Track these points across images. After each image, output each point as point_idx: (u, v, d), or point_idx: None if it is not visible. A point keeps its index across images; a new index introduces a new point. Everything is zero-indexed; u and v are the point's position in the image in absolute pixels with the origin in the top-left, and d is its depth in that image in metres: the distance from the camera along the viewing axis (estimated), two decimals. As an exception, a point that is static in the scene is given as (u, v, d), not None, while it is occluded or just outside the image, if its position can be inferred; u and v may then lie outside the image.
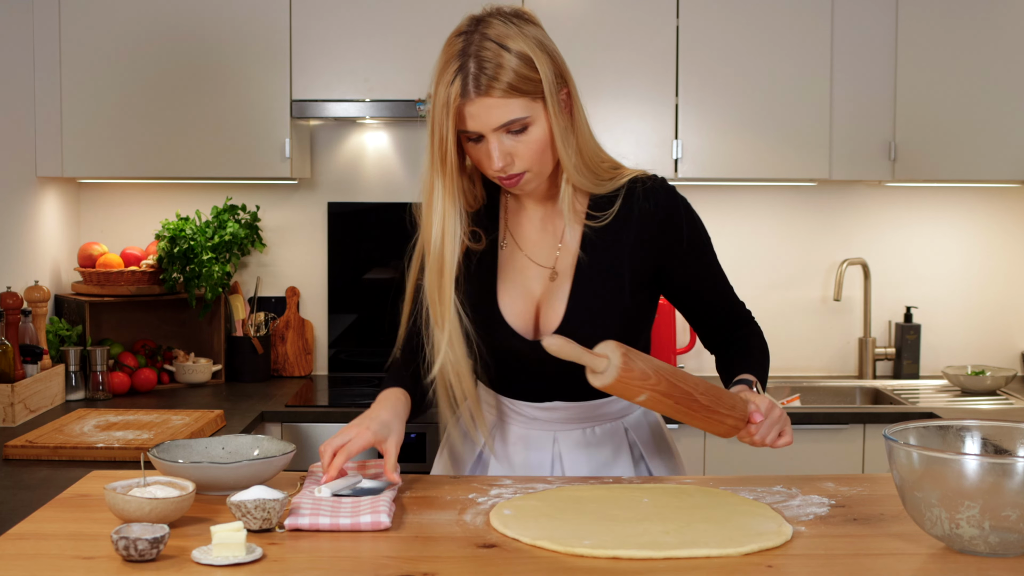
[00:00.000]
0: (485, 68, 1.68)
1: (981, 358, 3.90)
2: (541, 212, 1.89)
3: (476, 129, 1.71)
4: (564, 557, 1.45)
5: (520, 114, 1.70)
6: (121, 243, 3.80)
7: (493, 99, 1.69)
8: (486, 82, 1.68)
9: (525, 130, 1.72)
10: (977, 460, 1.39)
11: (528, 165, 1.75)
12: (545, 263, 1.87)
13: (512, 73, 1.68)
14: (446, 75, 1.70)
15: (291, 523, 1.54)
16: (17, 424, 2.91)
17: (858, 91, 3.51)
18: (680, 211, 1.86)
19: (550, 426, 1.92)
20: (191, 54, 3.44)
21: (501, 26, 1.71)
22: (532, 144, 1.73)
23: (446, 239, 1.78)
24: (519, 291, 1.87)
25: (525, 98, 1.70)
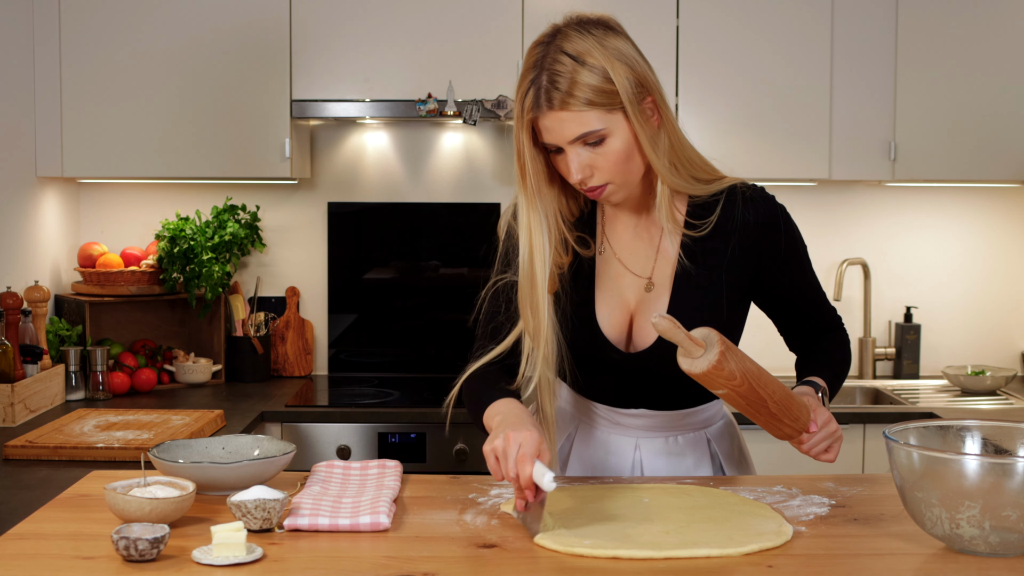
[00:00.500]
0: (556, 83, 1.65)
1: (981, 358, 3.90)
2: (636, 220, 1.85)
3: (552, 142, 1.69)
4: (564, 557, 1.45)
5: (595, 127, 1.67)
6: (121, 243, 3.80)
7: (566, 112, 1.66)
8: (558, 96, 1.65)
9: (603, 142, 1.69)
10: (977, 460, 1.39)
11: (609, 177, 1.72)
12: (641, 272, 1.84)
13: (584, 87, 1.65)
14: (521, 87, 1.69)
15: (290, 523, 1.54)
16: (17, 424, 2.91)
17: (858, 91, 3.51)
18: (779, 221, 1.86)
19: (633, 432, 1.90)
20: (191, 54, 3.44)
21: (577, 38, 1.68)
22: (611, 156, 1.70)
23: (535, 253, 1.74)
24: (615, 301, 1.84)
25: (599, 110, 1.67)
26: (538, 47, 1.70)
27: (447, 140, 3.83)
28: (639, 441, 1.90)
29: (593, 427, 1.92)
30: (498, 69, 3.44)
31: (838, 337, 1.96)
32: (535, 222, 1.74)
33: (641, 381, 1.84)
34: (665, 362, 1.78)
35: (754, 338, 3.85)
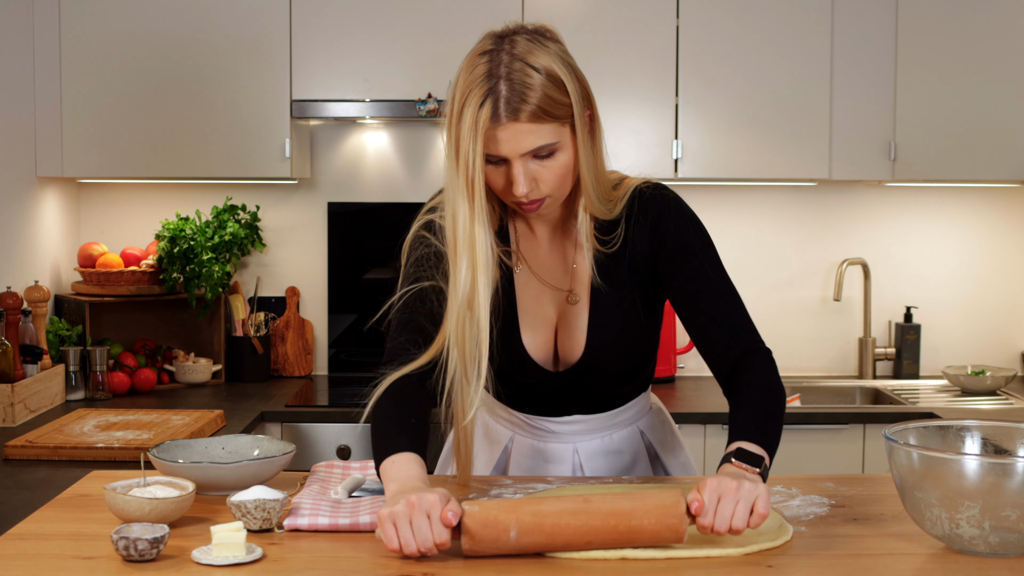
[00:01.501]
0: (518, 92, 1.60)
1: (981, 358, 3.90)
2: (549, 233, 1.84)
3: (504, 154, 1.63)
4: (564, 556, 1.45)
5: (550, 140, 1.63)
6: (121, 243, 3.80)
7: (526, 124, 1.61)
8: (525, 109, 1.60)
9: (552, 155, 1.65)
10: (977, 460, 1.39)
11: (551, 190, 1.68)
12: (561, 286, 1.82)
13: (545, 98, 1.61)
14: (473, 97, 1.61)
15: (290, 523, 1.54)
16: (17, 424, 2.91)
17: (858, 91, 3.51)
18: (668, 213, 1.79)
19: (570, 438, 1.90)
20: (191, 54, 3.44)
21: (530, 46, 1.64)
22: (557, 169, 1.66)
23: (478, 270, 1.66)
24: (538, 319, 1.82)
25: (555, 123, 1.63)
26: (484, 55, 1.63)
27: (447, 140, 3.83)
28: (576, 445, 1.91)
29: (528, 437, 1.91)
30: (498, 69, 3.44)
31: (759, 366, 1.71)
32: (480, 237, 1.66)
33: (570, 391, 1.85)
34: (594, 372, 1.82)
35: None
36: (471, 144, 1.61)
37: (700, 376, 3.85)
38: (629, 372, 1.87)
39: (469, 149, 1.61)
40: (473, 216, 1.65)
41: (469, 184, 1.63)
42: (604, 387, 1.87)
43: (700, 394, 3.54)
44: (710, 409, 3.29)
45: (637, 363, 1.87)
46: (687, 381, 3.78)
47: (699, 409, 3.28)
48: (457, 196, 1.65)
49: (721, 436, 3.23)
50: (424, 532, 1.39)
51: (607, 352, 1.81)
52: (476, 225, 1.65)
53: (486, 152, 1.64)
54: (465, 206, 1.65)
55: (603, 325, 1.80)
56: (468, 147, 1.62)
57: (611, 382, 1.87)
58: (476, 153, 1.62)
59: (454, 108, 1.64)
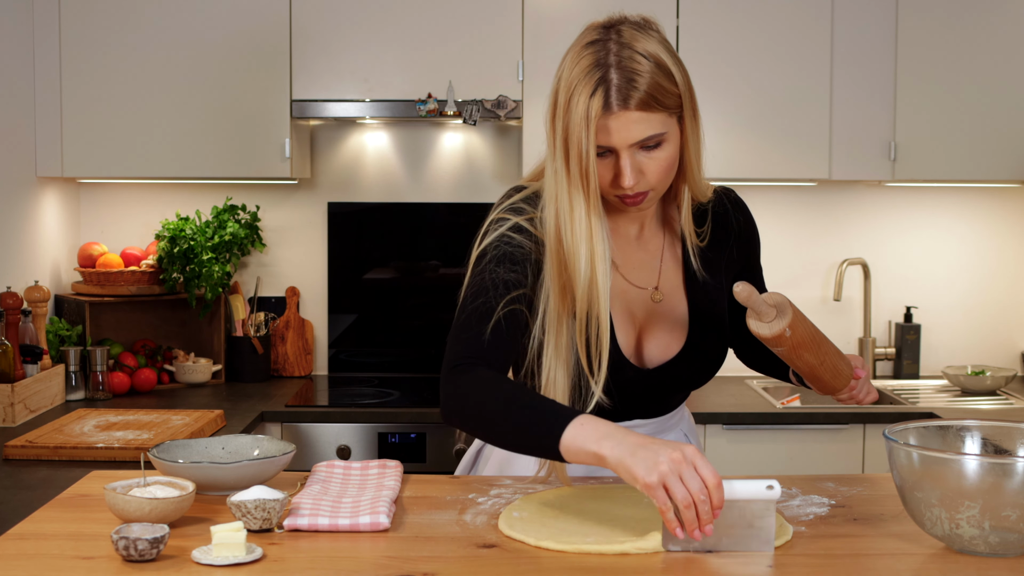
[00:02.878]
0: (635, 81, 1.58)
1: (981, 358, 3.90)
2: (636, 230, 1.80)
3: (613, 144, 1.60)
4: (564, 556, 1.45)
5: (659, 129, 1.61)
6: (121, 243, 3.80)
7: (637, 113, 1.58)
8: (635, 96, 1.58)
9: (659, 146, 1.63)
10: (977, 460, 1.39)
11: (654, 183, 1.65)
12: (646, 284, 1.79)
13: (656, 86, 1.59)
14: (584, 86, 1.58)
15: (290, 523, 1.54)
16: (17, 424, 2.91)
17: (858, 91, 3.51)
18: (753, 222, 1.91)
19: None
20: (191, 54, 3.44)
21: (643, 38, 1.62)
22: (663, 161, 1.64)
23: (597, 263, 1.62)
24: (624, 317, 1.77)
25: (664, 113, 1.61)
26: (593, 44, 1.61)
27: (447, 140, 3.83)
28: None
29: None
30: (498, 69, 3.44)
31: None
32: (598, 228, 1.62)
33: (648, 394, 1.80)
34: (680, 376, 1.79)
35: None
36: (584, 134, 1.58)
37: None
38: (707, 377, 1.84)
39: (582, 139, 1.58)
40: (590, 207, 1.61)
41: (584, 175, 1.60)
42: (686, 385, 1.84)
43: (700, 394, 3.54)
44: (710, 409, 3.29)
45: (717, 367, 1.85)
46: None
47: (699, 409, 3.28)
48: (571, 189, 1.61)
49: (721, 436, 3.24)
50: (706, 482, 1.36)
51: (703, 355, 1.79)
52: (593, 216, 1.62)
53: (597, 143, 1.60)
54: (581, 198, 1.61)
55: (702, 327, 1.78)
56: (581, 137, 1.58)
57: (695, 380, 1.83)
58: (590, 143, 1.58)
59: (560, 99, 1.61)
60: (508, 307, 1.65)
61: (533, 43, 3.44)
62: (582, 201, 1.61)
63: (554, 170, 1.63)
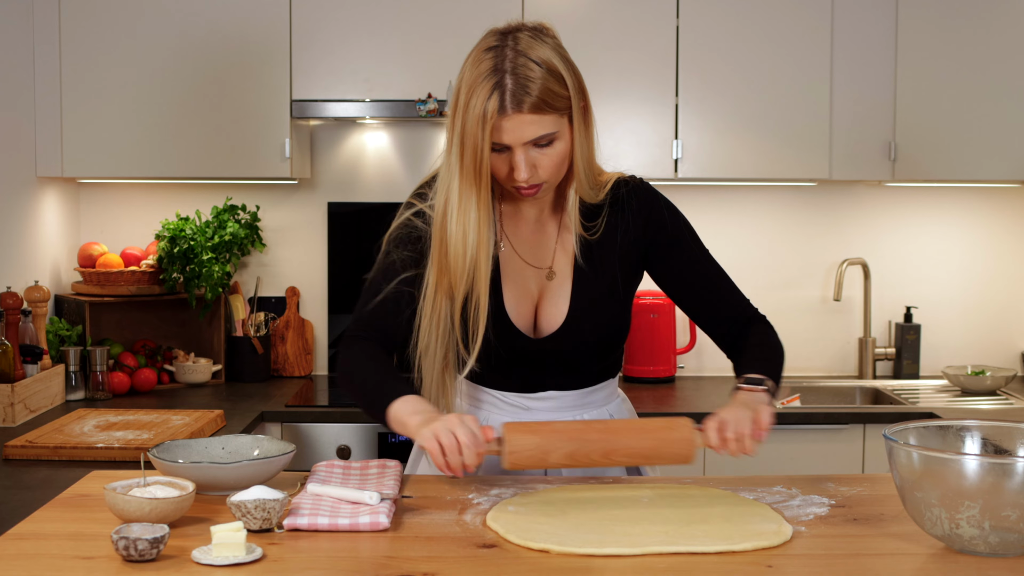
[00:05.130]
0: (527, 88, 1.74)
1: (981, 358, 3.90)
2: (535, 215, 1.96)
3: (507, 142, 1.76)
4: (563, 557, 1.45)
5: (551, 129, 1.77)
6: (121, 243, 3.80)
7: (530, 115, 1.74)
8: (528, 101, 1.74)
9: (551, 144, 1.79)
10: (977, 460, 1.39)
11: (548, 176, 1.82)
12: (541, 265, 1.95)
13: (547, 91, 1.75)
14: (481, 90, 1.74)
15: (290, 523, 1.54)
16: (17, 424, 2.91)
17: (858, 91, 3.51)
18: (660, 205, 1.97)
19: (542, 415, 1.97)
20: (191, 54, 3.44)
21: (532, 42, 1.78)
22: (555, 157, 1.80)
23: (481, 250, 1.82)
24: (520, 292, 1.94)
25: (555, 114, 1.77)
26: (491, 51, 1.76)
27: (447, 140, 3.83)
28: None
29: (501, 415, 1.98)
30: (498, 69, 3.44)
31: (762, 328, 1.98)
32: (485, 220, 1.81)
33: (549, 364, 1.94)
34: (571, 343, 1.93)
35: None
36: (480, 133, 1.75)
37: (700, 376, 3.85)
38: (603, 347, 1.97)
39: (478, 137, 1.75)
40: (480, 200, 1.80)
41: (477, 170, 1.78)
42: (579, 358, 1.96)
43: (700, 394, 3.54)
44: (710, 409, 3.28)
45: (611, 339, 1.98)
46: (687, 381, 3.78)
47: (699, 409, 3.28)
48: (463, 181, 1.79)
49: (721, 436, 3.24)
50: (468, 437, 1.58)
51: (587, 321, 1.92)
52: (482, 209, 1.80)
53: (492, 141, 1.76)
54: (472, 190, 1.79)
55: (585, 297, 1.92)
56: (476, 136, 1.75)
57: (586, 354, 1.96)
58: (484, 141, 1.75)
59: (460, 99, 1.77)
60: (396, 286, 1.89)
61: (533, 43, 3.43)
62: (473, 193, 1.80)
63: (449, 163, 1.82)
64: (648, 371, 3.71)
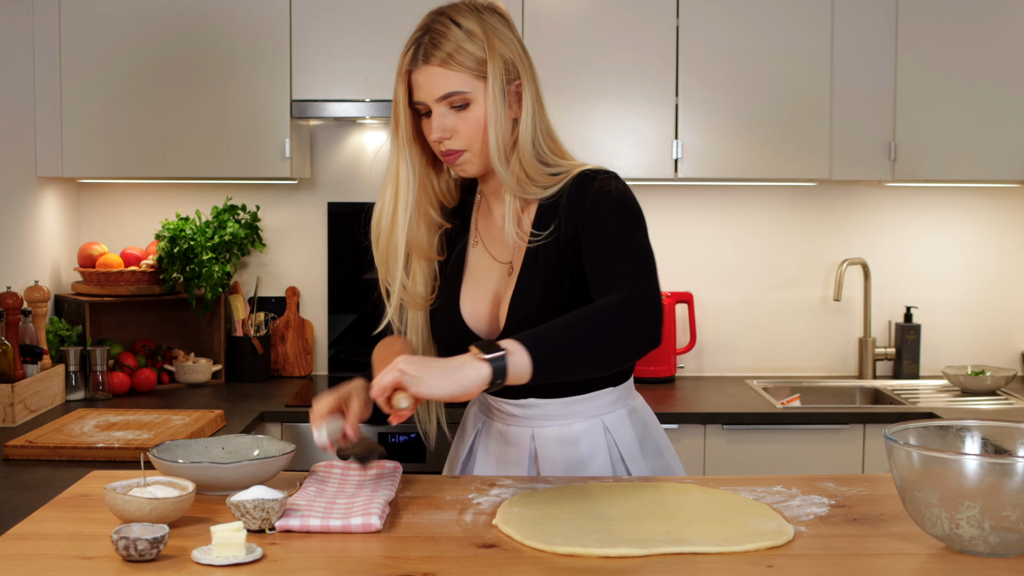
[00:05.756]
0: (436, 41, 1.79)
1: (981, 358, 3.90)
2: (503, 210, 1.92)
3: (421, 99, 1.80)
4: (563, 556, 1.45)
5: (459, 88, 1.79)
6: (121, 243, 3.80)
7: (437, 68, 1.78)
8: (432, 51, 1.78)
9: (466, 107, 1.80)
10: (977, 460, 1.39)
11: (467, 144, 1.82)
12: (504, 259, 1.91)
13: (457, 47, 1.78)
14: (406, 47, 1.82)
15: (282, 524, 1.54)
16: (17, 424, 2.91)
17: (858, 91, 3.51)
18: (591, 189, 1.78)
19: (527, 422, 1.93)
20: (191, 54, 3.44)
21: (463, 10, 1.82)
22: (471, 123, 1.80)
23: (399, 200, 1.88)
24: (483, 290, 1.91)
25: (467, 74, 1.79)
26: (427, 17, 1.84)
27: (447, 140, 3.83)
28: (534, 431, 1.92)
29: (493, 420, 1.97)
30: (498, 69, 3.44)
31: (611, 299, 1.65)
32: (403, 170, 1.87)
33: None
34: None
35: (753, 339, 3.87)
36: (398, 86, 1.83)
37: (700, 376, 3.85)
38: None
39: (397, 90, 1.83)
40: (398, 153, 1.86)
41: (395, 122, 1.85)
42: None
43: (700, 394, 3.54)
44: (710, 409, 3.29)
45: None
46: (687, 381, 3.78)
47: (699, 409, 3.28)
48: (391, 145, 1.87)
49: (721, 436, 3.24)
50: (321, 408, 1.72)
51: (526, 323, 1.76)
52: (400, 161, 1.87)
53: (413, 101, 1.82)
54: (393, 144, 1.87)
55: (525, 297, 1.83)
56: (397, 92, 1.83)
57: None
58: (400, 95, 1.82)
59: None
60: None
61: (533, 43, 3.43)
62: (395, 147, 1.87)
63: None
64: (648, 371, 3.71)
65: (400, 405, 1.53)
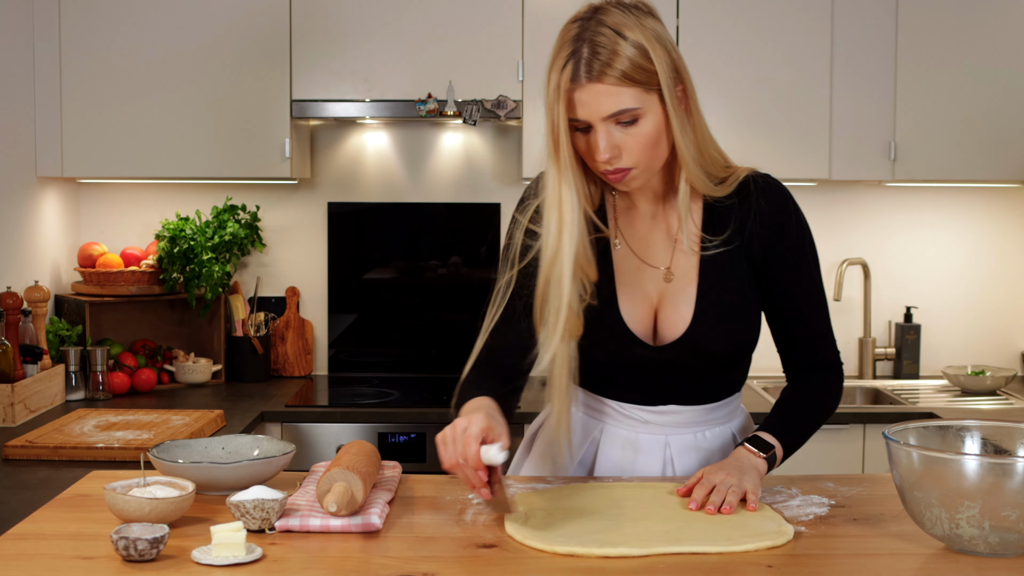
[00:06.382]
0: (598, 54, 1.63)
1: (981, 358, 3.90)
2: (652, 211, 1.83)
3: (585, 117, 1.65)
4: (563, 556, 1.45)
5: (631, 104, 1.64)
6: (121, 243, 3.80)
7: (604, 86, 1.63)
8: (598, 68, 1.62)
9: (635, 122, 1.66)
10: (977, 460, 1.39)
11: (635, 161, 1.69)
12: (659, 264, 1.81)
13: (626, 61, 1.63)
14: (559, 60, 1.66)
15: (282, 524, 1.54)
16: (17, 424, 2.91)
17: (858, 91, 3.51)
18: (790, 211, 1.81)
19: (662, 430, 1.86)
20: (191, 54, 3.44)
21: (619, 15, 1.66)
22: (641, 138, 1.67)
23: (564, 227, 1.68)
24: (637, 295, 1.80)
25: (638, 88, 1.64)
26: (576, 23, 1.68)
27: (447, 140, 3.83)
28: (668, 439, 1.86)
29: (619, 428, 1.87)
30: (498, 69, 3.44)
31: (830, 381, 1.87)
32: (567, 195, 1.69)
33: (670, 375, 1.81)
34: (696, 353, 1.78)
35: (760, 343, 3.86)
36: (555, 105, 1.65)
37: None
38: (729, 359, 1.82)
39: (554, 110, 1.66)
40: (560, 176, 1.69)
41: (555, 145, 1.68)
42: (702, 371, 1.82)
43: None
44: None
45: (738, 350, 1.82)
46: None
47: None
48: (550, 165, 1.70)
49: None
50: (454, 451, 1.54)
51: (712, 329, 1.77)
52: (563, 185, 1.69)
53: (571, 117, 1.66)
54: (553, 167, 1.69)
55: (711, 302, 1.78)
56: (553, 108, 1.66)
57: (710, 366, 1.82)
58: (559, 114, 1.65)
59: (545, 79, 1.69)
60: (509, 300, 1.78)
61: (533, 43, 3.44)
62: (555, 170, 1.69)
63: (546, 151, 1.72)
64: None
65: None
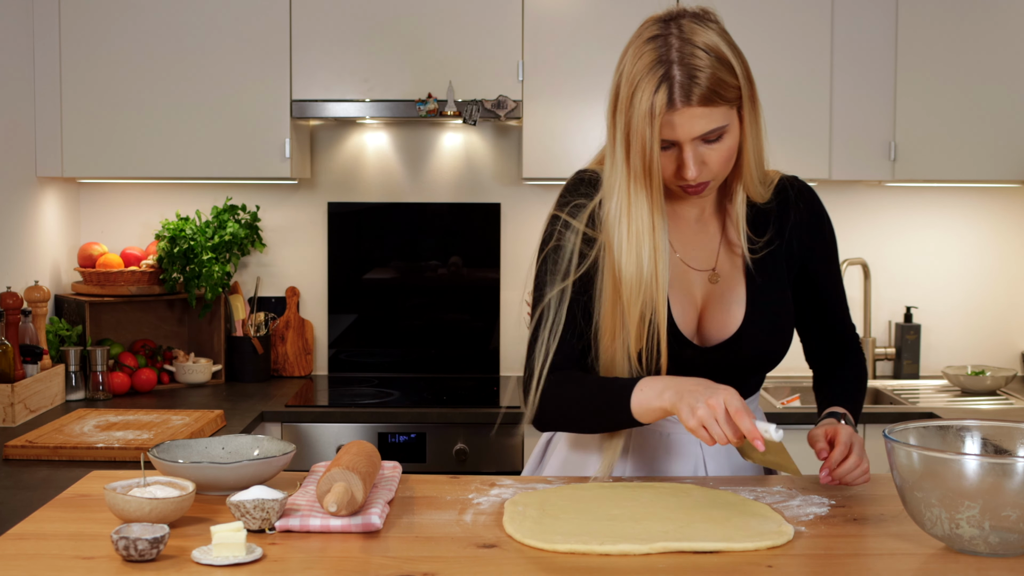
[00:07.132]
0: (696, 78, 1.61)
1: (981, 358, 3.90)
2: (696, 214, 1.83)
3: (677, 138, 1.64)
4: (563, 556, 1.45)
5: (721, 123, 1.64)
6: (121, 243, 3.80)
7: (701, 108, 1.62)
8: (698, 93, 1.61)
9: (720, 138, 1.66)
10: (977, 460, 1.39)
11: (715, 173, 1.69)
12: (703, 267, 1.82)
13: (717, 80, 1.62)
14: (647, 83, 1.62)
15: (282, 524, 1.53)
16: (17, 424, 2.91)
17: (858, 91, 3.51)
18: (825, 214, 1.87)
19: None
20: (191, 54, 3.44)
21: (698, 28, 1.64)
22: (724, 152, 1.67)
23: (659, 255, 1.68)
24: (683, 297, 1.80)
25: (726, 106, 1.64)
26: (653, 41, 1.64)
27: (447, 140, 3.83)
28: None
29: (654, 427, 1.86)
30: (498, 69, 3.44)
31: (856, 361, 1.96)
32: (660, 225, 1.68)
33: (714, 375, 1.78)
34: (745, 353, 1.79)
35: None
36: (648, 130, 1.62)
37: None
38: (772, 357, 1.84)
39: (646, 134, 1.62)
40: (653, 203, 1.67)
41: (647, 170, 1.65)
42: (743, 370, 1.83)
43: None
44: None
45: (782, 348, 1.84)
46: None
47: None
48: (632, 183, 1.66)
49: (721, 436, 3.24)
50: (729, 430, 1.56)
51: (763, 328, 1.79)
52: (656, 213, 1.68)
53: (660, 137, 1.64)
54: (643, 193, 1.66)
55: (760, 304, 1.80)
56: (645, 133, 1.62)
57: (754, 365, 1.83)
58: (654, 138, 1.63)
59: (623, 94, 1.65)
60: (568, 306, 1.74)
61: (533, 43, 3.44)
62: (644, 197, 1.67)
63: (614, 163, 1.68)
64: (648, 371, 3.70)
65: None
